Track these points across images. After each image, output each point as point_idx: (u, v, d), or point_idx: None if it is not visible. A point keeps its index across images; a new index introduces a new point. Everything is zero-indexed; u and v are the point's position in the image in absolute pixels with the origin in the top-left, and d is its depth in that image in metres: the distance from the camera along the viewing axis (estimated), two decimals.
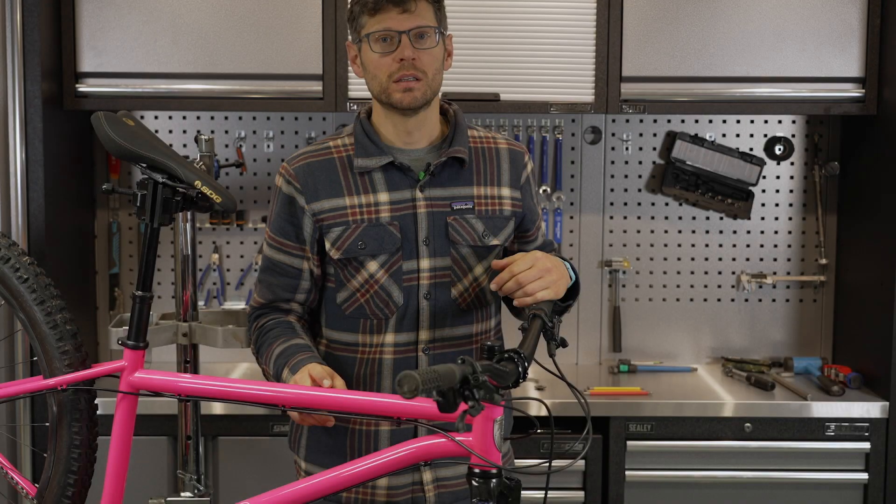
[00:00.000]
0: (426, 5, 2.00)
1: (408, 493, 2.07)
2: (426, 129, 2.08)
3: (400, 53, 1.97)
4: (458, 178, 2.08)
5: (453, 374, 1.56)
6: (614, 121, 3.44)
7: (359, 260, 2.04)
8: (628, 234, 3.48)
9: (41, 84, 2.92)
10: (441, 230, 2.05)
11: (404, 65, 1.98)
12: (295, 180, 2.06)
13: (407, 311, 2.05)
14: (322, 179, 2.05)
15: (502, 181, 2.12)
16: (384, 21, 1.98)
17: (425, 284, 2.05)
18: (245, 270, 3.44)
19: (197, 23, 3.05)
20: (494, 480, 1.71)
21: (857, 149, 3.31)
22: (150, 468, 2.97)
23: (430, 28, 2.00)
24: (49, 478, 2.21)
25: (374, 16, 1.98)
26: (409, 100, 2.00)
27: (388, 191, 2.05)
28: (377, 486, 2.06)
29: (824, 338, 3.50)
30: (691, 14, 3.10)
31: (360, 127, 2.09)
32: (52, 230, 3.00)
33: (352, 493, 2.08)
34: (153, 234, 2.14)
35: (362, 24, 2.01)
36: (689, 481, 3.05)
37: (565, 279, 1.98)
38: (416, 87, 1.99)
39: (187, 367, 2.66)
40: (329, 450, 2.09)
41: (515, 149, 2.17)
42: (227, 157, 3.38)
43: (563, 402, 2.92)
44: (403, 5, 1.97)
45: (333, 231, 2.04)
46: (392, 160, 2.05)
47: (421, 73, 1.99)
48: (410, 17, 1.98)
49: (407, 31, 1.97)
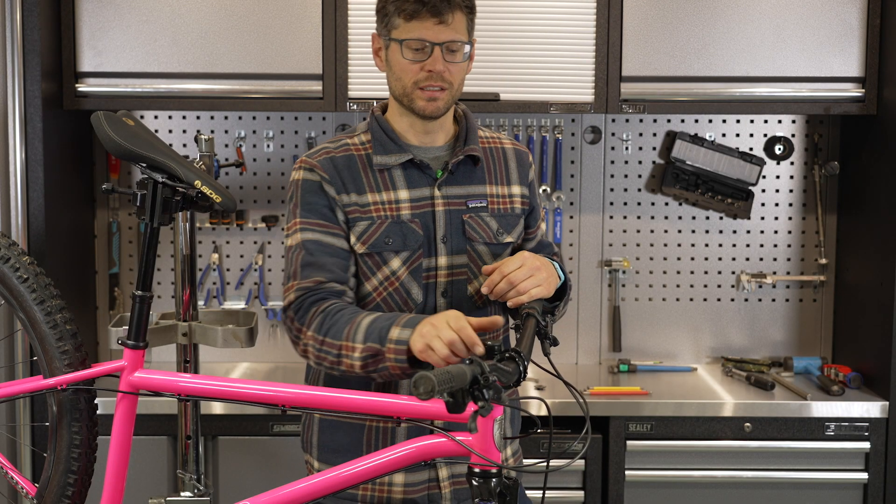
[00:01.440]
0: (462, 17, 1.99)
1: (424, 489, 2.07)
2: (443, 129, 2.10)
3: (430, 65, 1.97)
4: (473, 176, 2.10)
5: (465, 375, 1.56)
6: (614, 120, 3.44)
7: (382, 255, 2.03)
8: (628, 234, 3.48)
9: (41, 84, 2.92)
10: (458, 228, 2.07)
11: (432, 76, 1.98)
12: (321, 171, 2.04)
13: (425, 308, 2.05)
14: (346, 174, 2.04)
15: (511, 180, 2.15)
16: (419, 30, 1.96)
17: (443, 282, 2.06)
18: (245, 270, 3.44)
19: (197, 22, 3.05)
20: (495, 480, 1.71)
21: (856, 149, 3.31)
22: (150, 468, 2.98)
23: (462, 42, 1.99)
24: (49, 477, 2.21)
25: (409, 21, 1.96)
26: (431, 108, 2.01)
27: (407, 188, 2.05)
28: (393, 482, 2.06)
29: (824, 337, 3.50)
30: (691, 14, 3.10)
31: (376, 124, 2.09)
32: (52, 230, 3.00)
33: (367, 491, 2.07)
34: (153, 234, 2.14)
35: (395, 25, 1.99)
36: (689, 481, 3.05)
37: (555, 278, 1.99)
38: (441, 96, 2.00)
39: (187, 366, 2.66)
40: (344, 448, 2.07)
41: (520, 149, 2.20)
42: (226, 157, 3.38)
43: (562, 402, 2.92)
44: (441, 16, 1.95)
45: (359, 225, 2.03)
46: (411, 158, 2.05)
47: (447, 84, 2.00)
48: (446, 30, 1.97)
49: (441, 43, 1.97)
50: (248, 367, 3.40)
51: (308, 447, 2.16)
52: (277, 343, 3.47)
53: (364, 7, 3.04)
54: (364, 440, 2.07)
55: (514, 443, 2.22)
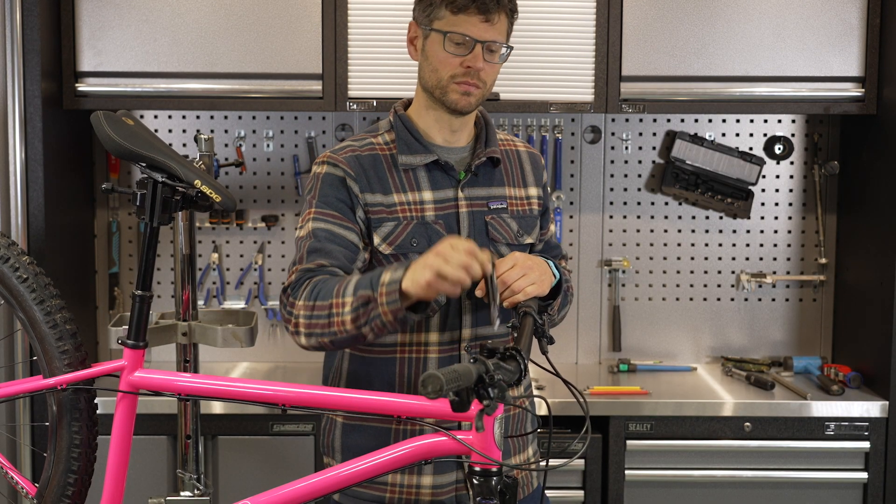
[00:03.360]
0: (505, 19, 2.00)
1: (451, 490, 2.06)
2: (467, 128, 2.10)
3: (471, 62, 1.98)
4: (493, 178, 2.11)
5: (471, 374, 1.56)
6: (614, 120, 3.44)
7: (408, 257, 2.01)
8: (628, 234, 3.48)
9: (41, 83, 2.92)
10: (481, 229, 2.07)
11: (470, 72, 1.98)
12: (347, 166, 2.02)
13: (450, 309, 2.04)
14: (371, 174, 2.03)
15: (528, 182, 2.17)
16: (465, 25, 1.96)
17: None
18: (245, 270, 3.44)
19: (197, 22, 3.05)
20: (495, 478, 1.72)
21: (856, 148, 3.31)
22: (150, 467, 2.97)
23: (502, 45, 2.01)
24: (49, 477, 2.21)
25: (456, 14, 1.96)
26: (464, 103, 2.01)
27: (431, 189, 2.05)
28: (422, 485, 2.05)
29: (824, 337, 3.50)
30: (691, 14, 3.10)
31: (400, 123, 2.08)
32: (52, 229, 3.00)
33: (395, 493, 2.06)
34: (153, 234, 2.14)
35: (439, 16, 1.98)
36: (689, 481, 3.05)
37: (549, 276, 1.98)
38: (475, 93, 2.01)
39: (187, 366, 2.66)
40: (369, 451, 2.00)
41: (533, 152, 2.23)
42: (226, 157, 3.38)
43: (562, 402, 2.92)
44: (488, 14, 1.96)
45: (385, 226, 2.02)
46: (437, 158, 2.05)
47: (482, 83, 2.01)
48: (490, 29, 1.97)
49: (485, 41, 1.97)
50: (248, 367, 3.40)
51: (329, 451, 2.13)
52: (277, 343, 3.47)
53: (364, 6, 3.05)
54: (391, 443, 2.01)
55: (534, 442, 2.22)
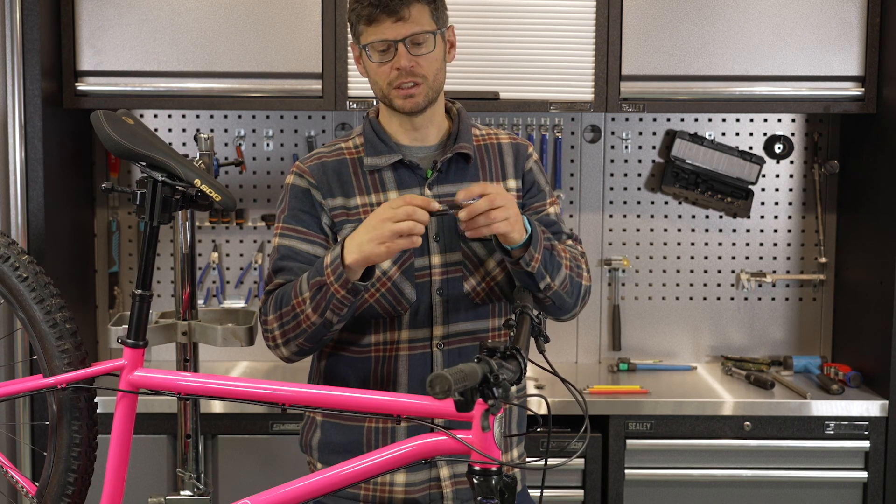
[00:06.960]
0: (420, 8, 1.99)
1: (425, 489, 2.07)
2: (434, 125, 2.10)
3: (396, 63, 1.99)
4: (465, 174, 2.09)
5: (477, 374, 1.57)
6: (614, 119, 3.44)
7: None
8: (628, 233, 3.48)
9: (41, 83, 2.92)
10: (451, 226, 2.06)
11: (402, 73, 1.99)
12: (310, 176, 2.07)
13: (420, 307, 2.05)
14: (335, 178, 2.07)
15: (507, 174, 2.14)
16: (379, 31, 1.98)
17: (437, 280, 2.05)
18: (245, 269, 3.44)
19: (196, 21, 3.06)
20: (496, 478, 1.72)
21: (856, 147, 3.31)
22: (150, 467, 2.98)
23: (426, 33, 2.00)
24: (49, 476, 2.21)
25: (369, 26, 1.99)
26: (410, 105, 2.02)
27: (397, 189, 2.06)
28: (395, 482, 2.06)
29: (824, 336, 3.50)
30: (691, 13, 3.10)
31: (368, 126, 2.11)
32: (52, 229, 3.00)
33: (369, 491, 2.07)
34: (153, 233, 2.14)
35: (360, 32, 2.02)
36: (689, 480, 3.05)
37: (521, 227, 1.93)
38: (417, 91, 2.01)
39: (187, 365, 2.66)
40: (343, 448, 2.07)
41: (518, 142, 2.18)
42: (226, 156, 3.38)
43: (562, 401, 2.92)
44: (397, 14, 1.97)
45: (346, 228, 2.04)
46: (401, 158, 2.06)
47: (420, 78, 2.01)
48: (405, 25, 1.98)
49: (402, 39, 1.98)
50: (248, 366, 3.40)
51: (307, 449, 2.16)
52: None
53: None
54: (364, 440, 2.06)
55: (520, 444, 2.21)
